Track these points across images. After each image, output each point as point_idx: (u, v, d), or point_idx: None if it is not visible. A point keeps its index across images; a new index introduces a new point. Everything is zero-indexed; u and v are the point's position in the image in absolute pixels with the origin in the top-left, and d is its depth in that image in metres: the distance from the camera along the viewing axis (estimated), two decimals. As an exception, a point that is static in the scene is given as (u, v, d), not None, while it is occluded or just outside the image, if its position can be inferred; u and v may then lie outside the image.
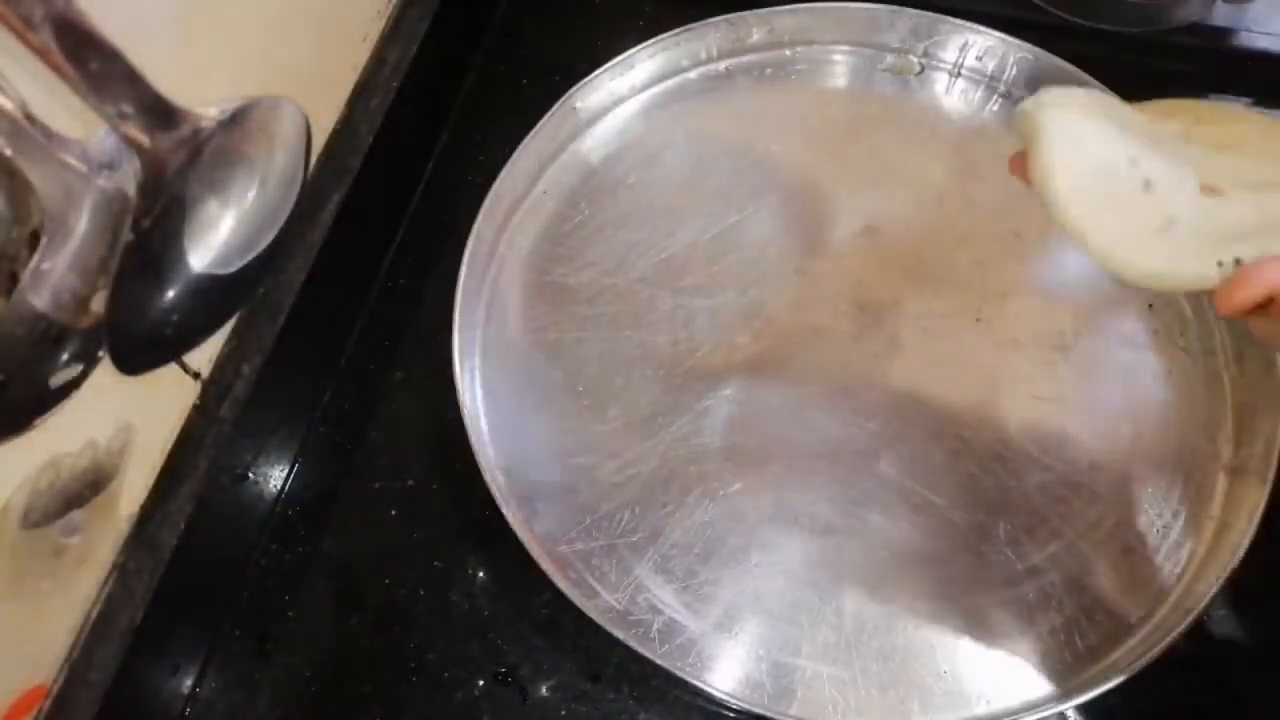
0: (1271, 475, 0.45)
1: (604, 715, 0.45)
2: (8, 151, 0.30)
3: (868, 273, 0.54)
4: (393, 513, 0.50)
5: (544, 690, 0.45)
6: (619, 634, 0.42)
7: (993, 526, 0.47)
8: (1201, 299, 0.53)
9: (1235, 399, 0.50)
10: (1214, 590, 0.43)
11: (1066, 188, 0.36)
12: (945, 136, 0.60)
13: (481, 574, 0.48)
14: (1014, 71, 0.60)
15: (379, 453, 0.52)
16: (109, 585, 0.41)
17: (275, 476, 0.51)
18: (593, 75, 0.58)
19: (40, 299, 0.32)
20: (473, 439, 0.46)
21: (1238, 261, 0.36)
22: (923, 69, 0.62)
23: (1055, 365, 0.51)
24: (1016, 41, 0.59)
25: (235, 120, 0.38)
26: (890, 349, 0.51)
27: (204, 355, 0.46)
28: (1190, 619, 0.42)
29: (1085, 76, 0.58)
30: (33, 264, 0.31)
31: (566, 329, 0.53)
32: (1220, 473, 0.48)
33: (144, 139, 0.34)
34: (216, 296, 0.39)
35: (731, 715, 0.44)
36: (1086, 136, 0.37)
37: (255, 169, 0.39)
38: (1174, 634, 0.42)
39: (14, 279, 0.31)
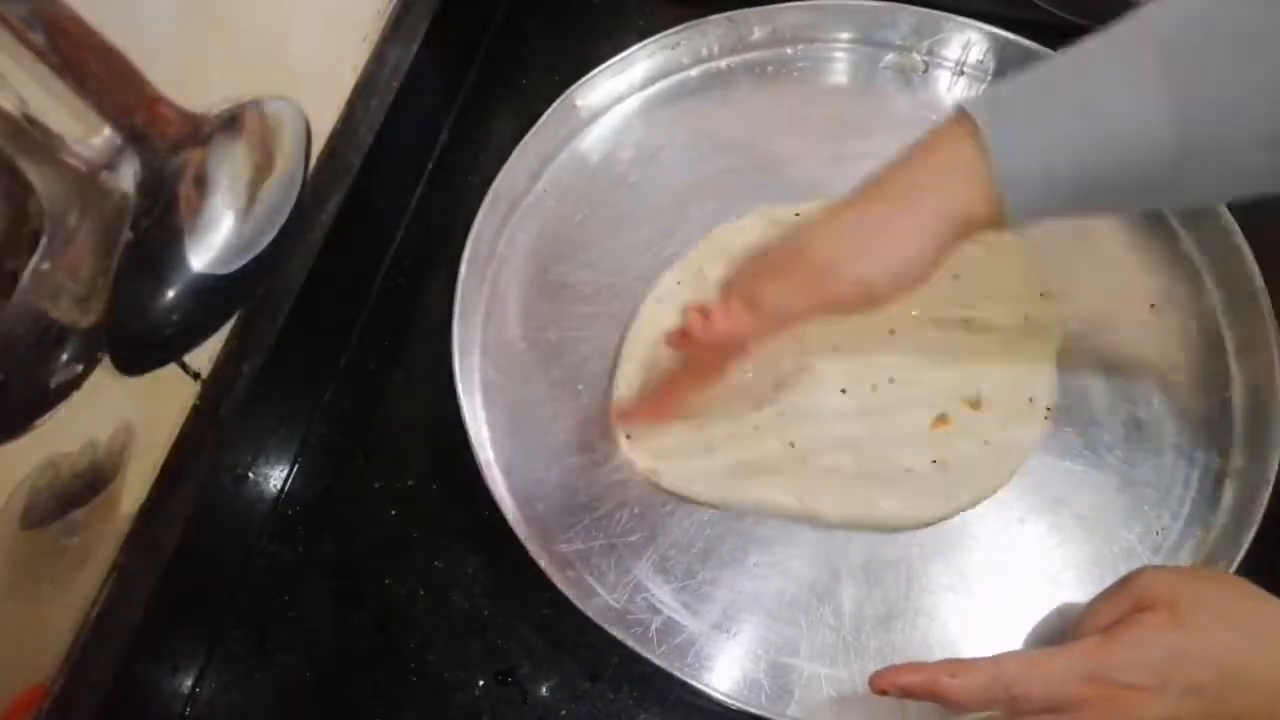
0: (1272, 477, 0.45)
1: (604, 715, 0.45)
2: (8, 151, 0.30)
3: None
4: (393, 513, 0.50)
5: (544, 690, 0.45)
6: (617, 633, 0.42)
7: (992, 528, 0.47)
8: (1205, 303, 0.53)
9: (1236, 399, 0.50)
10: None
11: None
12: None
13: (481, 574, 0.48)
14: (1016, 70, 0.60)
15: (379, 453, 0.52)
16: (109, 585, 0.41)
17: (275, 476, 0.51)
18: (593, 73, 0.58)
19: (40, 299, 0.32)
20: (473, 439, 0.46)
21: None
22: (927, 67, 0.61)
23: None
24: (1018, 39, 0.59)
25: (235, 120, 0.38)
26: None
27: (204, 355, 0.46)
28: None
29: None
30: (33, 264, 0.31)
31: (566, 328, 0.52)
32: (1220, 474, 0.48)
33: (144, 139, 0.34)
34: (216, 296, 0.39)
35: (731, 715, 0.44)
36: None
37: (255, 169, 0.39)
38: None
39: (14, 279, 0.31)
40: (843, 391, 0.49)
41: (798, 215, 0.53)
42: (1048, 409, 0.49)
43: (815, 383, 0.49)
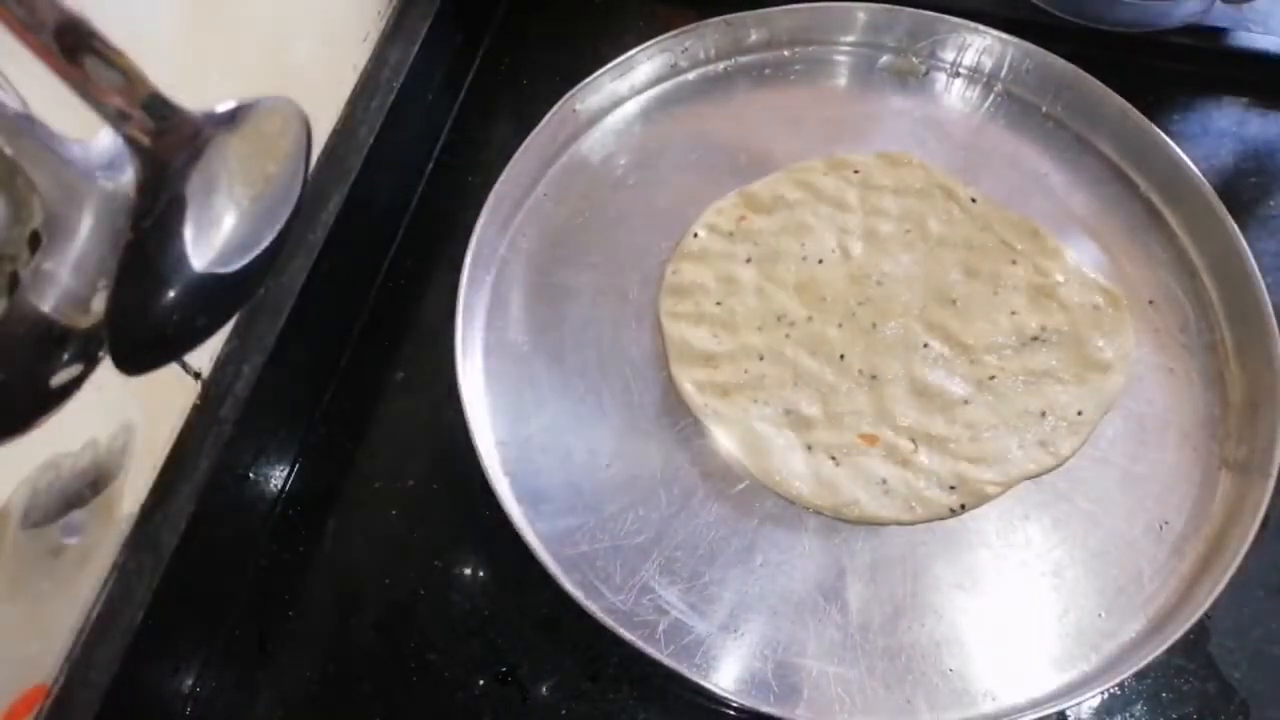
0: (1273, 472, 0.45)
1: (604, 714, 0.45)
2: (9, 151, 0.30)
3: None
4: (393, 513, 0.50)
5: (544, 690, 0.45)
6: (625, 635, 0.42)
7: (997, 525, 0.47)
8: (1205, 300, 0.53)
9: (1236, 395, 0.50)
10: (1218, 588, 0.43)
11: None
12: (943, 136, 0.60)
13: (481, 574, 0.48)
14: (1012, 71, 0.60)
15: (379, 453, 0.52)
16: (109, 585, 0.41)
17: (275, 476, 0.51)
18: (593, 76, 0.58)
19: (41, 299, 0.32)
20: (475, 440, 0.46)
21: None
22: (928, 70, 0.62)
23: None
24: (1015, 40, 0.59)
25: (235, 120, 0.38)
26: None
27: (205, 355, 0.46)
28: (1194, 617, 0.43)
29: (1084, 76, 0.58)
30: (33, 264, 0.31)
31: (568, 330, 0.52)
32: (1222, 469, 0.48)
33: (144, 139, 0.34)
34: (217, 296, 0.39)
35: (731, 713, 0.44)
36: None
37: (256, 168, 0.39)
38: (1178, 632, 0.42)
39: (15, 279, 0.31)
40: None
41: None
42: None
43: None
